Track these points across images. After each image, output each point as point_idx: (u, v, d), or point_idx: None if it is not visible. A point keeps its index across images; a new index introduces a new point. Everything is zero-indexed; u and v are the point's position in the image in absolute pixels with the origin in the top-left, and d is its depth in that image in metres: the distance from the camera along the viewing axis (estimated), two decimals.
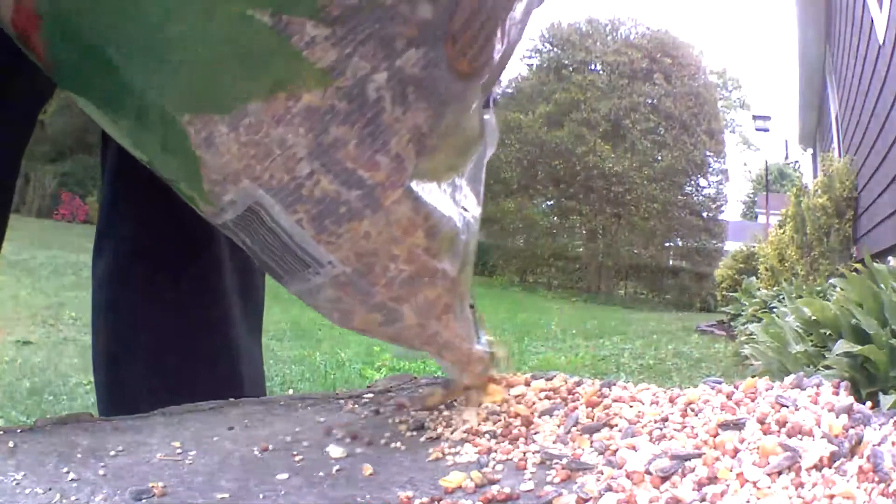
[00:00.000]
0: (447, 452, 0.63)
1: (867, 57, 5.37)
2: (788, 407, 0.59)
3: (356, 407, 0.77)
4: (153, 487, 0.57)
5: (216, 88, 0.58)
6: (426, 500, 0.54)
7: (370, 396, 0.81)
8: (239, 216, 0.62)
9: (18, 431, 0.69)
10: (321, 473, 0.61)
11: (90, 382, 2.90)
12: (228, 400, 0.81)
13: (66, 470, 0.60)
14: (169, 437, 0.69)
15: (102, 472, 0.61)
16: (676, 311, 11.88)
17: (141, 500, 0.55)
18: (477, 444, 0.64)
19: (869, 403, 0.61)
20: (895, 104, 4.39)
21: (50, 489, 0.57)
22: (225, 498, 0.56)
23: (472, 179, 0.74)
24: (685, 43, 15.26)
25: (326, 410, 0.77)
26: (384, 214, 0.63)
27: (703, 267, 14.31)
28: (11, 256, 6.84)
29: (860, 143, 5.77)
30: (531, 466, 0.59)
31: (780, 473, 0.50)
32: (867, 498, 0.46)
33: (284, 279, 0.67)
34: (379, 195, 0.62)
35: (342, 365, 4.15)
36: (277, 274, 0.67)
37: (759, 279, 7.08)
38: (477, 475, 0.57)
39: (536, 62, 15.69)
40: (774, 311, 3.83)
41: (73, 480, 0.59)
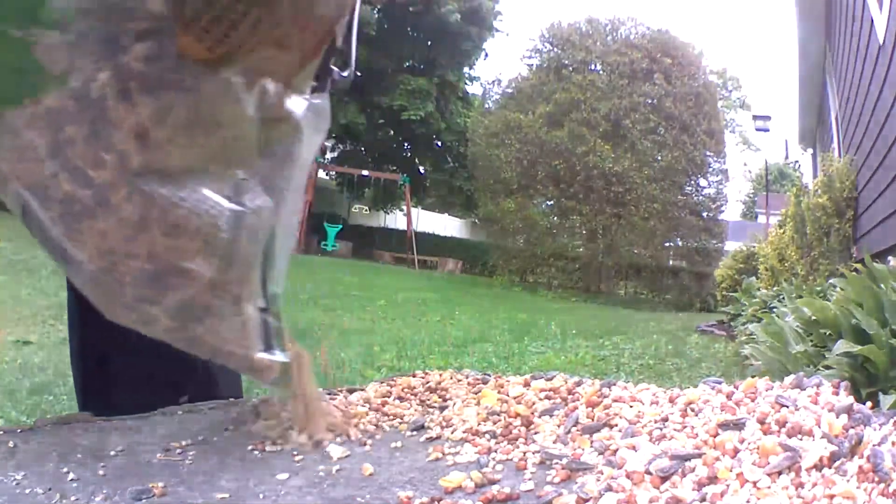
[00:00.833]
0: (447, 452, 0.63)
1: (867, 57, 5.37)
2: (788, 407, 0.59)
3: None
4: (153, 487, 0.57)
5: None
6: (426, 500, 0.54)
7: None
8: (22, 214, 0.65)
9: (18, 431, 0.69)
10: (321, 473, 0.61)
11: None
12: (229, 400, 0.81)
13: (66, 470, 0.60)
14: (169, 437, 0.69)
15: (102, 472, 0.60)
16: (676, 311, 11.86)
17: (141, 500, 0.55)
18: (477, 444, 0.64)
19: (869, 403, 0.61)
20: (895, 104, 4.38)
21: (50, 489, 0.57)
22: (225, 498, 0.56)
23: (273, 174, 0.70)
24: (685, 43, 15.23)
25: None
26: (114, 212, 0.63)
27: (703, 267, 14.29)
28: (11, 256, 6.83)
29: (860, 142, 5.76)
30: (531, 466, 0.59)
31: (780, 473, 0.50)
32: (867, 498, 0.46)
33: (70, 275, 0.68)
34: (106, 193, 0.63)
35: (342, 365, 4.14)
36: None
37: (759, 279, 7.07)
38: (477, 475, 0.57)
39: (536, 62, 15.66)
40: (774, 311, 3.83)
41: (73, 480, 0.58)
